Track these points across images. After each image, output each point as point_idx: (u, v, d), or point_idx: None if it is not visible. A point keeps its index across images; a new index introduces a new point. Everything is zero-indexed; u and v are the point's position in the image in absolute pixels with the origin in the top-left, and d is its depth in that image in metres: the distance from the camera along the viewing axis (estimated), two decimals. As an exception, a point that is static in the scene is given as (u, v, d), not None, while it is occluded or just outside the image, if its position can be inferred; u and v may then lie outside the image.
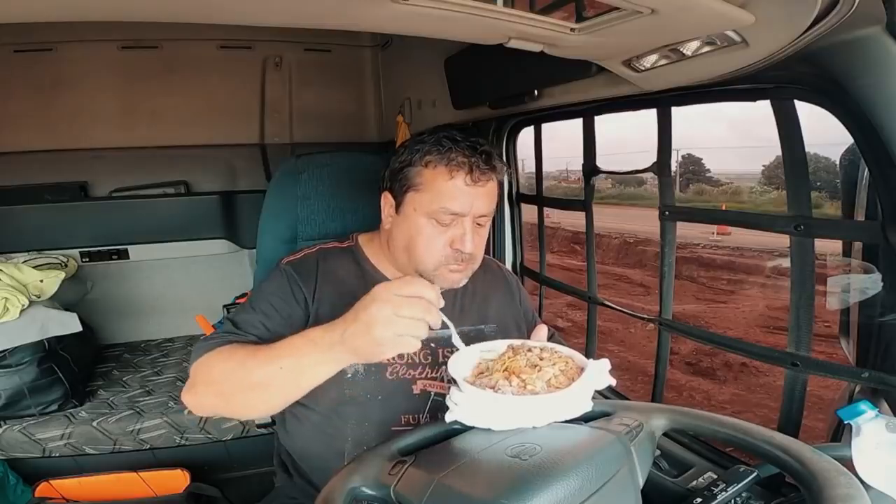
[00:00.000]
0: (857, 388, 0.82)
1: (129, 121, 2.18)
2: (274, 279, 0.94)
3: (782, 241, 0.88)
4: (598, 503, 0.54)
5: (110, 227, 2.17)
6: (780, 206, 0.95)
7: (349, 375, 0.88)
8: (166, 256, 2.26)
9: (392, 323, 0.65)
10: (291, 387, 0.75)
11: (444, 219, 0.87)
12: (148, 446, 1.70)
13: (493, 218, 1.03)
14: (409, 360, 0.92)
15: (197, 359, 0.82)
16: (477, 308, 1.01)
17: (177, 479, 1.65)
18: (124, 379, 1.98)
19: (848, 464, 0.68)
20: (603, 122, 1.24)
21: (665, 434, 0.69)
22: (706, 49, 0.76)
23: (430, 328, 0.67)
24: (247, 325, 0.87)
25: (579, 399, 0.67)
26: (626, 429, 0.63)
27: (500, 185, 0.95)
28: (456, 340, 0.76)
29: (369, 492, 0.58)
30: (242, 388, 0.76)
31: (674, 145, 1.06)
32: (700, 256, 10.21)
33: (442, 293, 0.97)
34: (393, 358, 0.89)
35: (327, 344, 0.71)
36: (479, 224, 0.90)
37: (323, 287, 0.92)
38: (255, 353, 0.78)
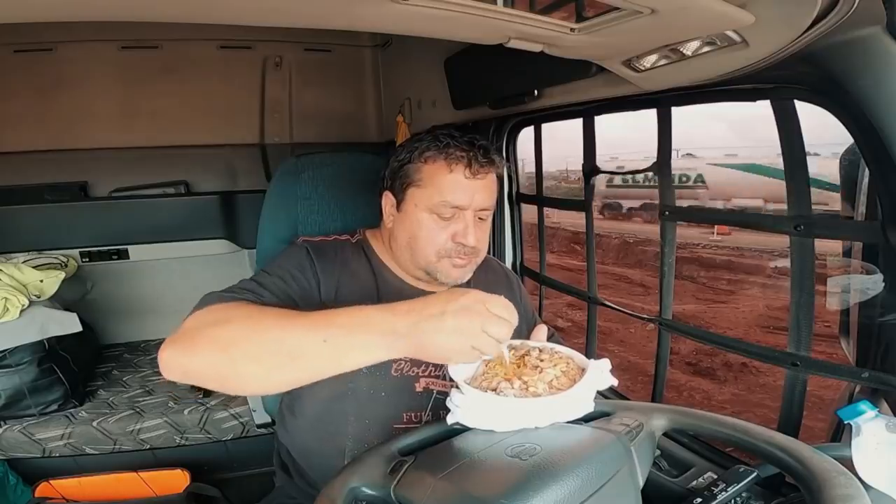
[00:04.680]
0: (857, 388, 0.82)
1: (129, 121, 2.18)
2: (292, 252, 0.93)
3: (782, 241, 0.88)
4: (598, 503, 0.54)
5: (110, 227, 2.17)
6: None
7: None
8: (166, 256, 2.26)
9: (476, 336, 0.63)
10: (328, 364, 0.66)
11: (445, 212, 0.88)
12: (148, 446, 1.70)
13: (493, 218, 1.04)
14: (414, 358, 0.92)
15: (205, 307, 0.73)
16: None
17: (177, 479, 1.65)
18: (124, 379, 1.98)
19: (848, 464, 0.68)
20: (603, 122, 1.25)
21: (665, 434, 0.69)
22: (706, 49, 0.76)
23: None
24: (263, 285, 0.83)
25: (582, 400, 0.67)
26: (626, 429, 0.63)
27: (500, 179, 0.95)
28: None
29: (369, 492, 0.58)
30: (264, 353, 0.66)
31: (673, 145, 1.06)
32: (700, 256, 10.20)
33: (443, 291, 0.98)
34: None
35: (389, 329, 0.64)
36: (480, 218, 0.91)
37: (342, 277, 0.92)
38: (292, 317, 0.69)
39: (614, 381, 0.70)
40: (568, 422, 0.66)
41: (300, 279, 0.88)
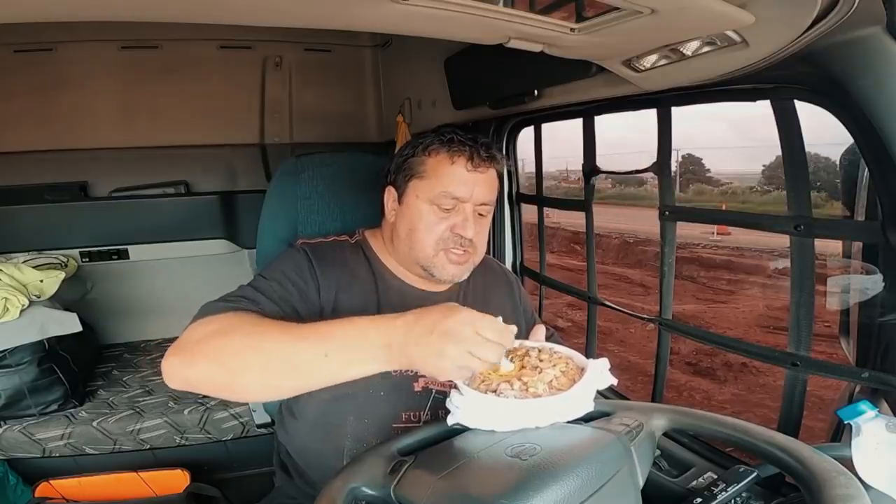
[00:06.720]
0: (857, 388, 0.82)
1: (129, 121, 2.18)
2: (290, 255, 0.93)
3: (782, 241, 0.88)
4: (598, 503, 0.54)
5: (110, 227, 2.17)
6: (780, 205, 0.95)
7: None
8: (166, 256, 2.26)
9: (463, 358, 0.63)
10: (328, 377, 0.68)
11: (445, 203, 0.89)
12: (148, 446, 1.70)
13: (493, 218, 1.04)
14: None
15: (204, 317, 0.76)
16: (478, 305, 1.01)
17: (177, 479, 1.65)
18: (124, 379, 1.97)
19: (848, 464, 0.68)
20: (603, 122, 1.25)
21: (665, 434, 0.69)
22: (706, 49, 0.76)
23: None
24: (261, 291, 0.84)
25: (582, 400, 0.67)
26: (626, 429, 0.63)
27: (500, 177, 0.96)
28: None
29: (369, 492, 0.58)
30: (265, 365, 0.69)
31: (674, 145, 1.06)
32: (700, 256, 10.20)
33: (444, 291, 0.98)
34: None
35: (385, 343, 0.66)
36: (480, 214, 0.92)
37: (341, 279, 0.92)
38: (291, 329, 0.71)
39: (614, 380, 0.70)
40: (568, 422, 0.66)
41: (298, 283, 0.88)
